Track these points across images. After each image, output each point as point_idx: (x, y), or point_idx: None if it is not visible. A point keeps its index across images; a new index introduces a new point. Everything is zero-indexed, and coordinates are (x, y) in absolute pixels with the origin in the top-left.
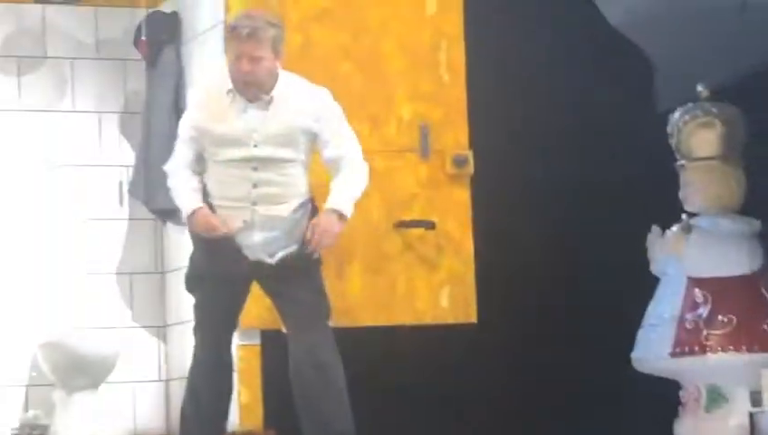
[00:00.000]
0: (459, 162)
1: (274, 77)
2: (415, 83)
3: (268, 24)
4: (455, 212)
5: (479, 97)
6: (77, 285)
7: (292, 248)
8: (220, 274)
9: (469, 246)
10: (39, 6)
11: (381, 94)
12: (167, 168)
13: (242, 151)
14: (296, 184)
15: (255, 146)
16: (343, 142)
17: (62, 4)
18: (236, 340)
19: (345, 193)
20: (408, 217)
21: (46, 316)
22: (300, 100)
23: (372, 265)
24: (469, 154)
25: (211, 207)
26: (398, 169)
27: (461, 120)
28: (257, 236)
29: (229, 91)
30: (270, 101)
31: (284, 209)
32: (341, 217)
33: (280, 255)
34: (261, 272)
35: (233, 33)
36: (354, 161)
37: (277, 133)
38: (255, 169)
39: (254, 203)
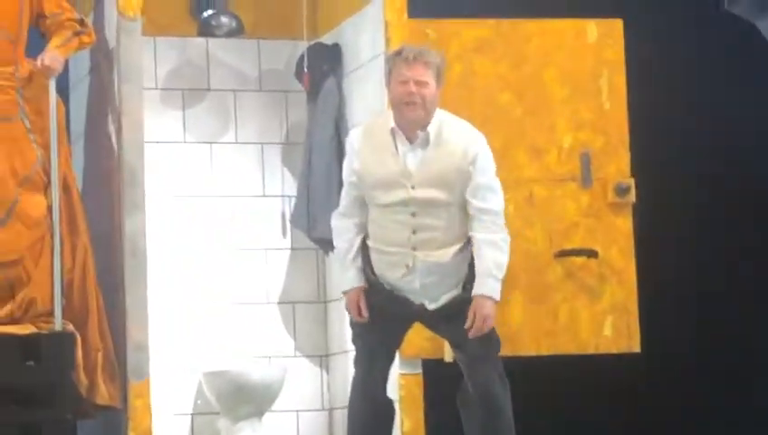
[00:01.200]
0: (621, 190)
1: (434, 108)
2: (576, 111)
3: (434, 52)
4: (617, 240)
5: (640, 124)
6: (241, 314)
7: (454, 293)
8: (381, 312)
9: (632, 274)
10: (203, 40)
11: (542, 123)
12: (334, 213)
13: (401, 193)
14: (454, 227)
15: (413, 187)
16: (490, 196)
17: (226, 37)
18: (398, 369)
19: (493, 273)
20: (569, 246)
21: (211, 345)
22: (457, 141)
23: (534, 295)
24: (631, 182)
25: (370, 250)
26: (559, 198)
27: (623, 148)
28: (418, 282)
29: (391, 130)
30: (427, 140)
31: (444, 255)
32: (493, 300)
33: (442, 301)
34: (423, 313)
35: (399, 57)
36: (496, 220)
37: (434, 175)
38: (414, 214)
39: (414, 248)
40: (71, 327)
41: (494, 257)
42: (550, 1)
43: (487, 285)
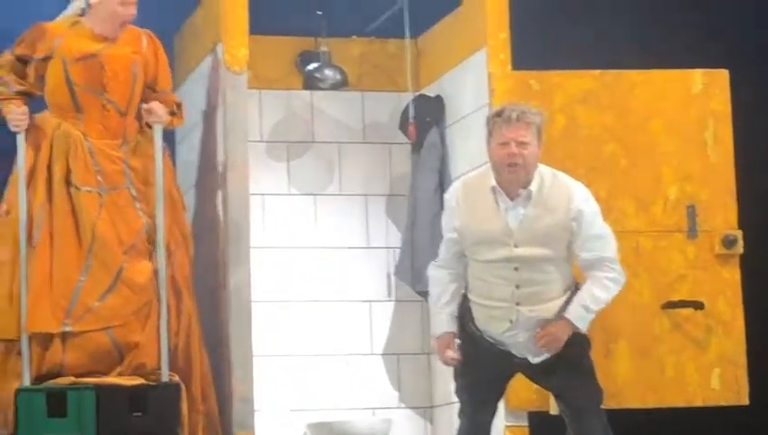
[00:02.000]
0: (728, 242)
1: (535, 167)
2: (682, 163)
3: (534, 110)
4: (724, 292)
5: (747, 175)
6: (345, 365)
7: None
8: (485, 365)
9: (740, 325)
10: (307, 92)
11: (647, 175)
12: (431, 264)
13: (503, 252)
14: (558, 281)
15: (516, 246)
16: (597, 244)
17: (330, 89)
18: (504, 421)
19: (585, 304)
20: (676, 298)
21: (315, 397)
22: (558, 197)
23: (640, 346)
24: (738, 234)
25: (472, 304)
26: (665, 250)
27: (730, 200)
28: (522, 336)
29: (492, 188)
30: (529, 198)
31: (548, 309)
32: (575, 328)
33: (545, 355)
34: (526, 366)
35: (500, 117)
36: (607, 264)
37: (536, 233)
38: (517, 269)
39: (518, 303)
40: (176, 379)
41: (592, 291)
42: (654, 52)
43: (574, 312)
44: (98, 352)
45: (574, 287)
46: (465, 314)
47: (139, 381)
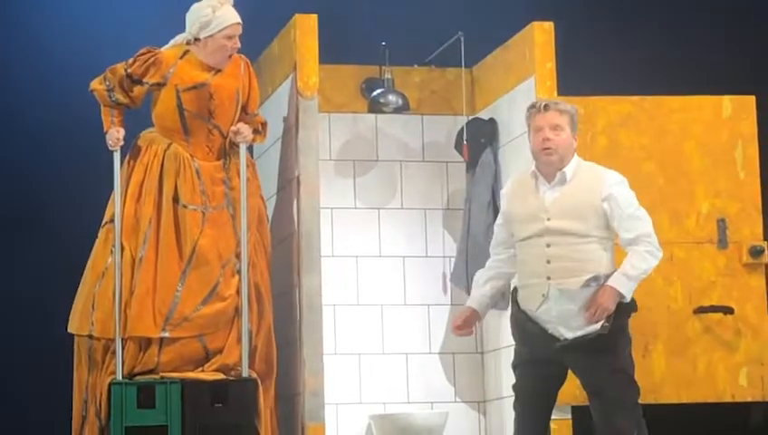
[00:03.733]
0: (755, 252)
1: (571, 153)
2: (713, 181)
3: (565, 103)
4: (752, 298)
5: None
6: (406, 363)
7: (594, 329)
8: (531, 356)
9: (766, 329)
10: (372, 116)
11: (682, 191)
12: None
13: (536, 225)
14: (590, 260)
15: (548, 220)
16: (635, 224)
17: (393, 113)
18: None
19: (626, 272)
20: (707, 303)
21: (379, 391)
22: (591, 179)
23: (675, 347)
24: (764, 244)
25: (518, 292)
26: (697, 259)
27: (756, 214)
28: (554, 311)
29: (532, 172)
30: (564, 180)
31: (576, 283)
32: (620, 295)
33: (580, 332)
34: (565, 349)
35: (534, 107)
36: (644, 239)
37: (568, 208)
38: (549, 245)
39: (549, 278)
40: (254, 375)
41: (632, 261)
42: (687, 79)
43: (617, 279)
44: (189, 356)
45: (604, 275)
46: (513, 303)
47: (220, 376)
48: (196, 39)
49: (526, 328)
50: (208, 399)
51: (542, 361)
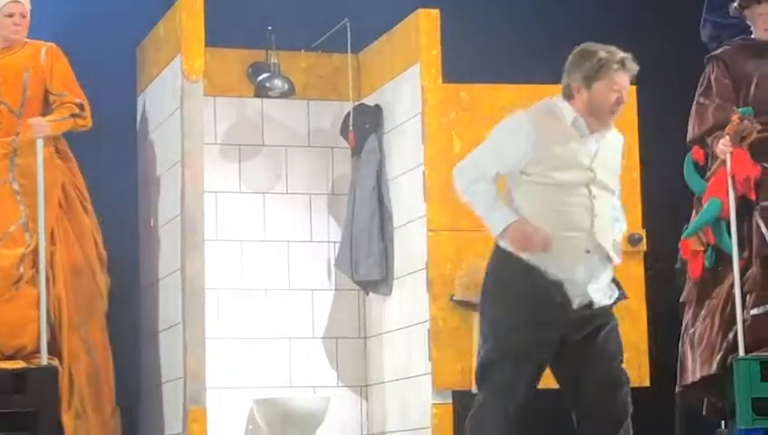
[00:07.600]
0: (634, 241)
1: None
2: None
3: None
4: (631, 286)
5: (652, 185)
6: (289, 348)
7: (620, 294)
8: (539, 336)
9: (644, 316)
10: (258, 100)
11: None
12: (460, 174)
13: (581, 174)
14: (616, 219)
15: (593, 171)
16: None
17: (279, 98)
18: (431, 399)
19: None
20: None
21: (262, 376)
22: (612, 137)
23: None
24: (643, 233)
25: None
26: None
27: (635, 203)
28: (594, 270)
29: (574, 119)
30: (603, 135)
31: (613, 243)
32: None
33: (615, 296)
34: (575, 325)
35: (621, 64)
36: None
37: (607, 162)
38: (595, 197)
39: (595, 233)
40: (55, 363)
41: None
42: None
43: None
44: None
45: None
46: (510, 259)
47: (22, 365)
48: None
49: (540, 291)
50: (9, 388)
51: (549, 337)
